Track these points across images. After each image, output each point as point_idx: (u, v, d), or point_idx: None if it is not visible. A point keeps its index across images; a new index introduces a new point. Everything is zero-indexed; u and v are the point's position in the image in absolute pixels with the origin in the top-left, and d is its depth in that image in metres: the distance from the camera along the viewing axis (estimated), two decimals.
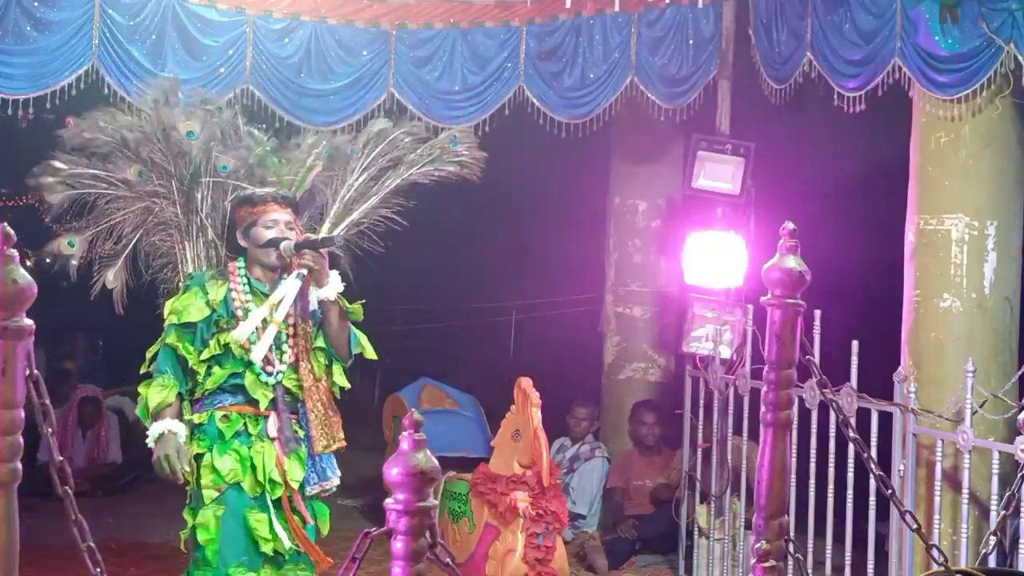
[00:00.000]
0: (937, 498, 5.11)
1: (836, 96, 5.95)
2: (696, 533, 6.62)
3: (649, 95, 6.85)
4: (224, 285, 4.53)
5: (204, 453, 4.45)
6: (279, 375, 4.48)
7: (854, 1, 5.79)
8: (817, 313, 5.27)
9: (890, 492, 3.53)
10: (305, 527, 4.53)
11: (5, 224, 2.44)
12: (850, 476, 5.35)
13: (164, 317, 4.54)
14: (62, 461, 2.66)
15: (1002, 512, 3.91)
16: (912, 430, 5.29)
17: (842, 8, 5.88)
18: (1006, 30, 5.16)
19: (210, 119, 4.81)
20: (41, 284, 2.48)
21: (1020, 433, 4.37)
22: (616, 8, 6.60)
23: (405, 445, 2.24)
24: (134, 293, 4.92)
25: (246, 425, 4.48)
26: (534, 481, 6.10)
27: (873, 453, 4.69)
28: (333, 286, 4.45)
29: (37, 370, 2.53)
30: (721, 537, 6.40)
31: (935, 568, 3.29)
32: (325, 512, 4.64)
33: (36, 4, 5.85)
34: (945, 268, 5.57)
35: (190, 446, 4.44)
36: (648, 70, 6.82)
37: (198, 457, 4.45)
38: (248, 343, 4.40)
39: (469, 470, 6.66)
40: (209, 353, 4.46)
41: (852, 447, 4.98)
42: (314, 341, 4.53)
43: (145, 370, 4.55)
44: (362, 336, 4.60)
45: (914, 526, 3.47)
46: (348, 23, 6.55)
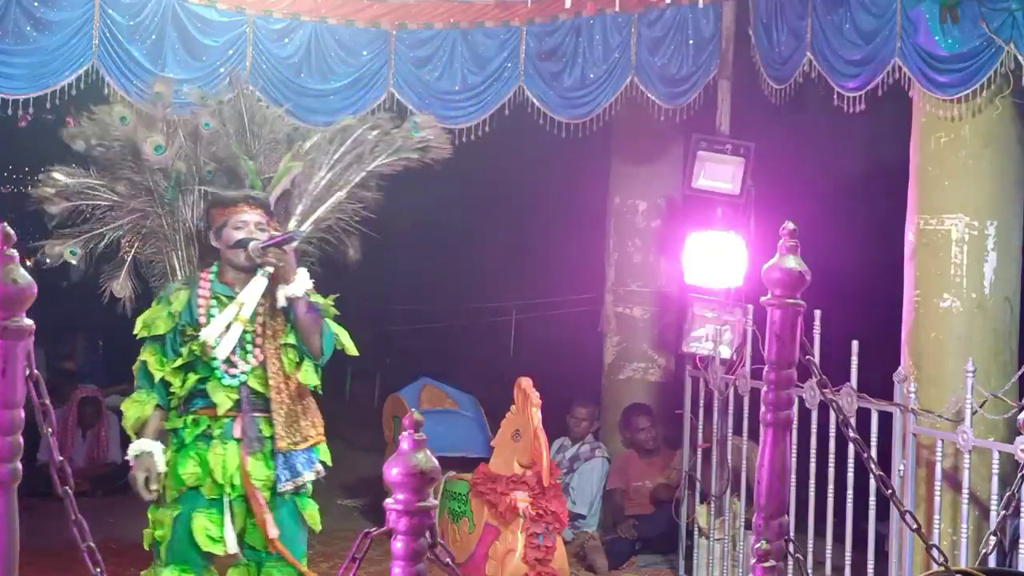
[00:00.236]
0: (937, 498, 5.11)
1: (836, 96, 5.94)
2: (696, 533, 6.62)
3: (649, 95, 6.84)
4: (186, 293, 4.59)
5: (172, 456, 4.56)
6: (242, 376, 4.52)
7: (854, 1, 5.79)
8: (817, 313, 5.27)
9: (890, 492, 3.53)
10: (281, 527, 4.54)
11: (5, 224, 2.44)
12: (850, 476, 5.35)
13: (136, 333, 4.64)
14: (62, 461, 2.67)
15: (1002, 512, 3.91)
16: (912, 430, 5.29)
17: (842, 8, 5.87)
18: (1006, 30, 5.16)
19: (181, 128, 4.86)
20: (41, 284, 2.49)
21: (1020, 433, 4.36)
22: (616, 8, 6.59)
23: (405, 445, 2.24)
24: (135, 294, 4.95)
25: (210, 427, 4.54)
26: (534, 481, 6.10)
27: (873, 453, 4.69)
28: (300, 283, 4.48)
29: (37, 370, 2.53)
30: (721, 537, 6.40)
31: (935, 568, 3.30)
32: (310, 506, 4.64)
33: (36, 4, 5.84)
34: (945, 268, 5.57)
35: (167, 451, 4.55)
36: (648, 70, 6.82)
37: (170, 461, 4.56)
38: (211, 345, 4.45)
39: (469, 470, 6.65)
40: (182, 361, 4.53)
41: (852, 447, 4.98)
42: (285, 338, 4.55)
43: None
44: (342, 332, 4.62)
45: (914, 526, 3.47)
46: (348, 23, 6.53)
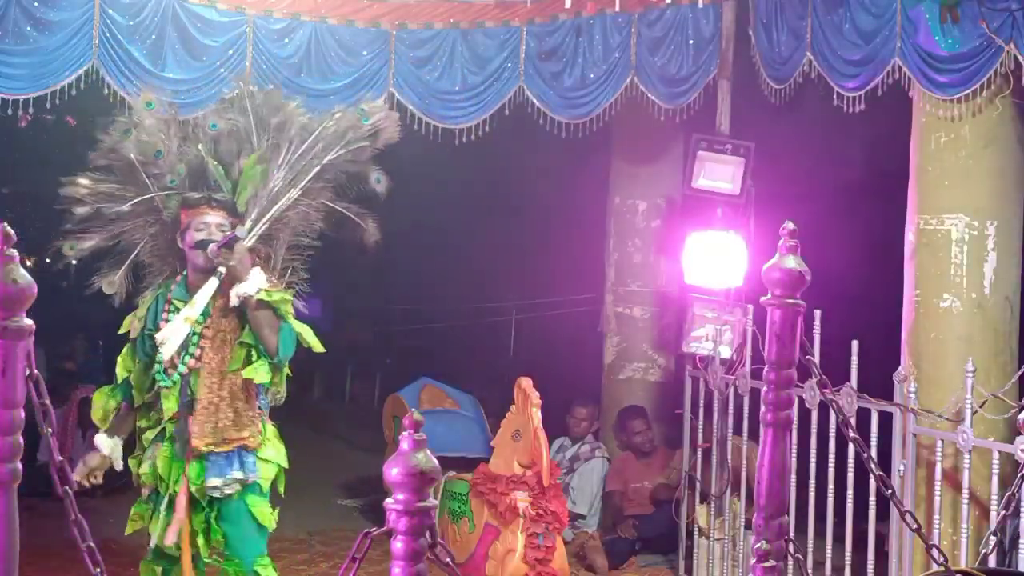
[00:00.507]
0: (937, 498, 5.11)
1: (836, 96, 5.94)
2: (696, 533, 6.62)
3: (649, 95, 6.85)
4: (151, 297, 4.73)
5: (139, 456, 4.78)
6: (177, 377, 4.58)
7: (854, 1, 5.79)
8: (817, 313, 5.27)
9: (890, 492, 3.53)
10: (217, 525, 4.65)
11: (5, 224, 2.44)
12: (850, 476, 5.35)
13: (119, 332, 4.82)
14: (62, 461, 2.67)
15: (1002, 512, 3.91)
16: (912, 430, 5.29)
17: (842, 8, 5.87)
18: (1006, 30, 5.16)
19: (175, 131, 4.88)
20: (41, 284, 2.49)
21: (1020, 433, 4.37)
22: (616, 8, 6.59)
23: (405, 445, 2.24)
24: (135, 294, 4.95)
25: (165, 428, 4.66)
26: (534, 481, 6.10)
27: (873, 453, 4.69)
28: (252, 282, 4.52)
29: (37, 370, 2.53)
30: (721, 537, 6.40)
31: (935, 568, 3.30)
32: (259, 504, 4.66)
33: (36, 4, 5.84)
34: (945, 268, 5.57)
35: (137, 452, 4.79)
36: (648, 70, 6.82)
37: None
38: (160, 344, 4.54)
39: (469, 470, 6.65)
40: (154, 363, 4.65)
41: (852, 447, 4.98)
42: (241, 337, 4.59)
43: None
44: (305, 330, 4.67)
45: (914, 526, 3.47)
46: (348, 23, 6.54)
